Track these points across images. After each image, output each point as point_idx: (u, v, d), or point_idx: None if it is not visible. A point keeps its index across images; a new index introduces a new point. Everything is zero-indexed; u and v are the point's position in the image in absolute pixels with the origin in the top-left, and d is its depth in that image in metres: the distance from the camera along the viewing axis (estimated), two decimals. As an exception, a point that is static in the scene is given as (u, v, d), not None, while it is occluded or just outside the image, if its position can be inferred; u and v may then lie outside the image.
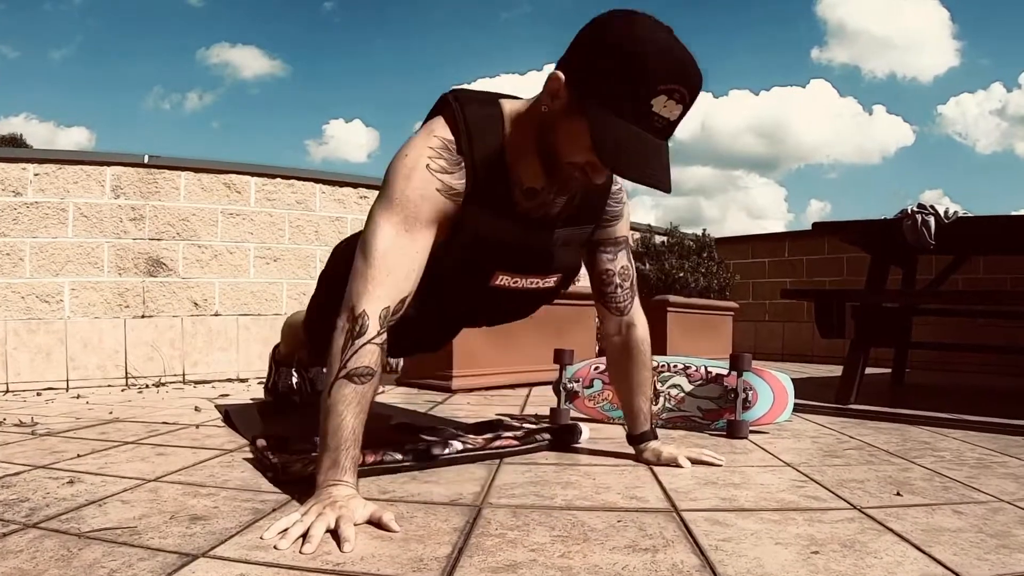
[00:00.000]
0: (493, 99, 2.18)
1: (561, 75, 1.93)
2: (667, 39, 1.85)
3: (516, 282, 2.32)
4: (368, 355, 1.89)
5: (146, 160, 5.29)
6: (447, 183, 2.03)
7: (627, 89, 1.84)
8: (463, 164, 2.05)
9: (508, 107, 2.15)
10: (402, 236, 1.98)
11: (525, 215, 2.18)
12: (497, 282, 2.28)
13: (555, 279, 2.42)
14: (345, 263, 2.07)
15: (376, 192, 5.92)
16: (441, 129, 2.07)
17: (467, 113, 2.08)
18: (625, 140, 1.87)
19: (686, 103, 1.90)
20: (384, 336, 1.93)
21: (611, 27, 1.87)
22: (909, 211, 4.29)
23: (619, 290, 2.56)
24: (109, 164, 5.16)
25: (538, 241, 2.26)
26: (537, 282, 2.37)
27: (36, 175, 4.89)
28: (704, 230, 7.27)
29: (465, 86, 2.24)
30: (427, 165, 2.01)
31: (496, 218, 2.13)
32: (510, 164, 2.11)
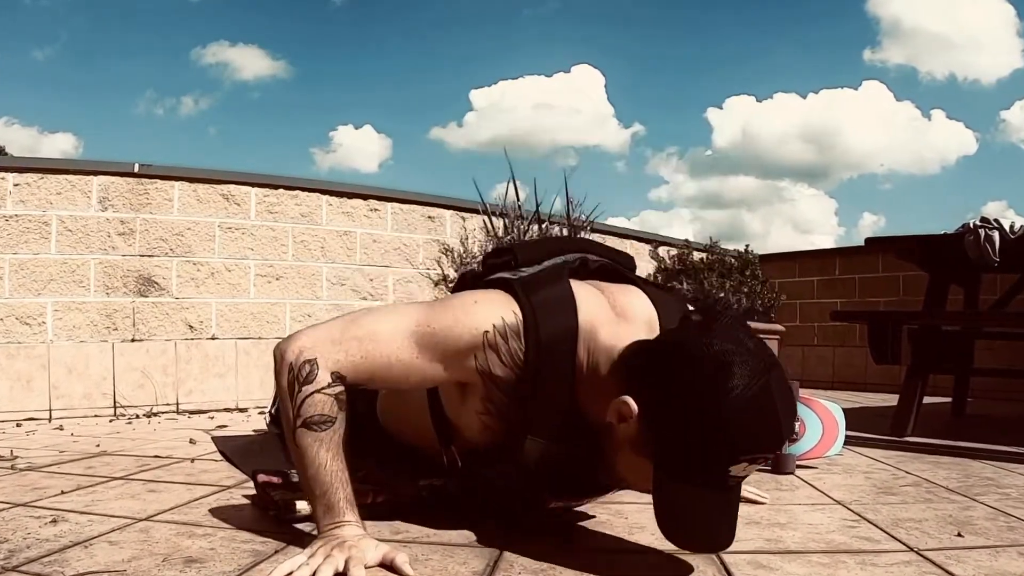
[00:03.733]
0: (562, 282, 2.08)
1: (634, 407, 1.82)
2: (764, 393, 1.74)
3: (571, 504, 2.32)
4: (319, 404, 1.88)
5: (136, 169, 5.32)
6: (488, 365, 1.98)
7: (706, 461, 1.76)
8: (519, 369, 1.99)
9: (585, 327, 2.01)
10: (409, 345, 1.96)
11: (586, 434, 2.06)
12: (550, 506, 2.27)
13: (613, 491, 2.42)
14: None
15: (387, 203, 5.87)
16: (517, 313, 2.00)
17: (542, 335, 1.98)
18: (693, 515, 1.82)
19: (768, 460, 1.86)
20: (339, 388, 1.91)
21: (701, 374, 1.74)
22: (971, 225, 4.28)
23: None
24: (96, 173, 5.19)
25: (598, 463, 2.12)
26: (596, 499, 2.37)
27: (16, 185, 4.92)
28: (747, 246, 7.24)
29: (527, 273, 2.14)
30: (486, 331, 1.97)
31: (555, 446, 2.05)
32: (577, 394, 2.03)
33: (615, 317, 2.07)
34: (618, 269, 2.32)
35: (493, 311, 1.99)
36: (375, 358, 1.94)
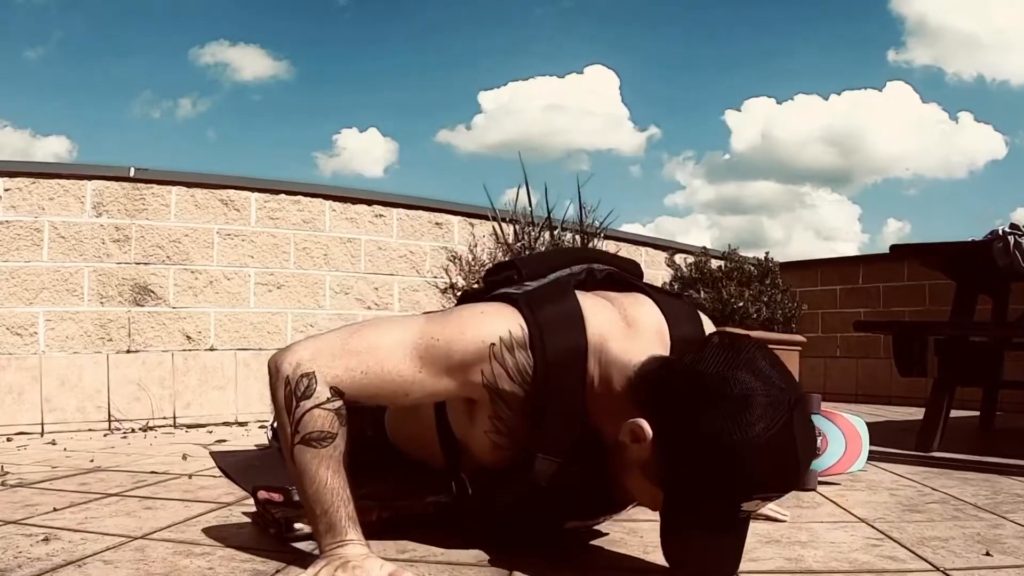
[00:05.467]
0: (570, 296, 2.08)
1: (648, 431, 1.83)
2: (785, 433, 1.74)
3: (588, 523, 2.32)
4: (319, 420, 1.87)
5: (132, 173, 5.32)
6: (495, 379, 1.98)
7: (719, 497, 1.78)
8: (526, 383, 1.99)
9: (595, 340, 2.01)
10: (411, 359, 1.96)
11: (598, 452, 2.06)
12: (568, 526, 2.27)
13: (632, 506, 2.42)
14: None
15: (392, 209, 5.84)
16: (525, 328, 1.99)
17: (544, 327, 1.98)
18: (700, 549, 1.84)
19: (781, 496, 1.89)
20: (338, 403, 1.90)
21: (720, 408, 1.74)
22: (1000, 232, 4.27)
23: None
24: (90, 178, 5.20)
25: (609, 479, 2.13)
26: (613, 516, 2.37)
27: (7, 190, 4.94)
28: (767, 253, 7.22)
29: (531, 287, 2.15)
30: (492, 344, 1.97)
31: (567, 465, 2.04)
32: (589, 410, 2.02)
33: (626, 328, 2.07)
34: (625, 277, 2.33)
35: (500, 323, 1.99)
36: (376, 373, 1.93)
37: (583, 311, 2.04)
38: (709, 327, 2.21)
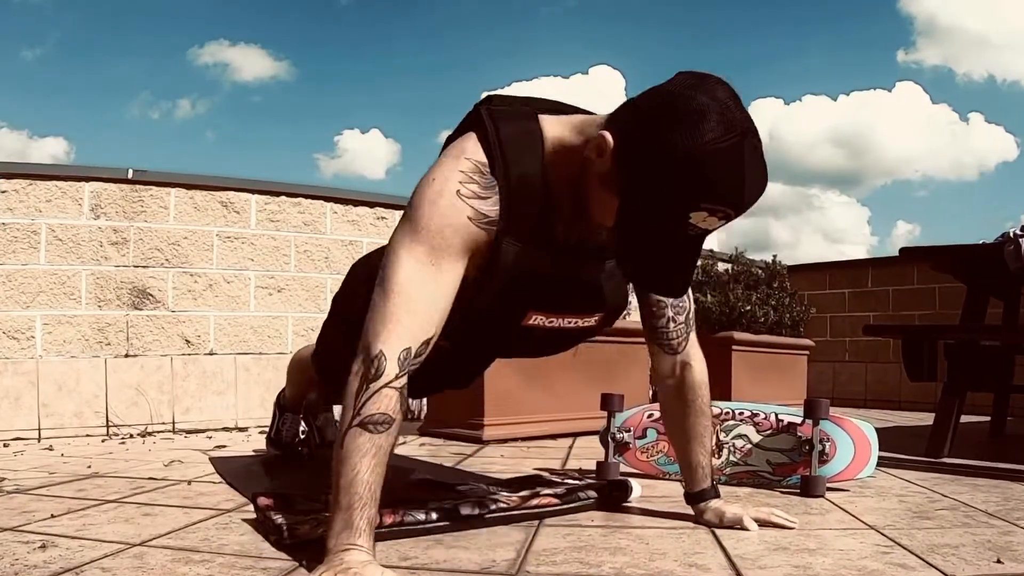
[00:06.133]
0: (531, 114, 2.22)
1: (610, 141, 1.98)
2: (733, 150, 1.89)
3: (552, 322, 2.34)
4: (385, 400, 1.90)
5: (130, 175, 5.31)
6: (479, 210, 2.06)
7: (667, 200, 1.92)
8: (497, 187, 2.09)
9: (549, 127, 2.18)
10: (426, 269, 2.01)
11: (566, 244, 2.21)
12: (530, 322, 2.29)
13: (597, 318, 2.43)
14: (364, 284, 2.15)
15: (395, 211, 5.84)
16: (473, 149, 2.12)
17: (502, 132, 2.13)
18: (650, 254, 2.02)
19: (730, 219, 1.98)
20: (403, 380, 1.94)
21: (676, 118, 1.89)
22: (1011, 234, 4.26)
23: (672, 324, 2.56)
24: (88, 179, 5.19)
25: (580, 274, 2.29)
26: (576, 322, 2.39)
27: (3, 192, 4.93)
28: (774, 256, 7.23)
29: (501, 92, 2.29)
30: (457, 191, 2.05)
31: (532, 249, 2.15)
32: (551, 190, 2.15)
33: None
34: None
35: (451, 170, 2.11)
36: (420, 305, 2.01)
37: (541, 122, 2.20)
38: None
